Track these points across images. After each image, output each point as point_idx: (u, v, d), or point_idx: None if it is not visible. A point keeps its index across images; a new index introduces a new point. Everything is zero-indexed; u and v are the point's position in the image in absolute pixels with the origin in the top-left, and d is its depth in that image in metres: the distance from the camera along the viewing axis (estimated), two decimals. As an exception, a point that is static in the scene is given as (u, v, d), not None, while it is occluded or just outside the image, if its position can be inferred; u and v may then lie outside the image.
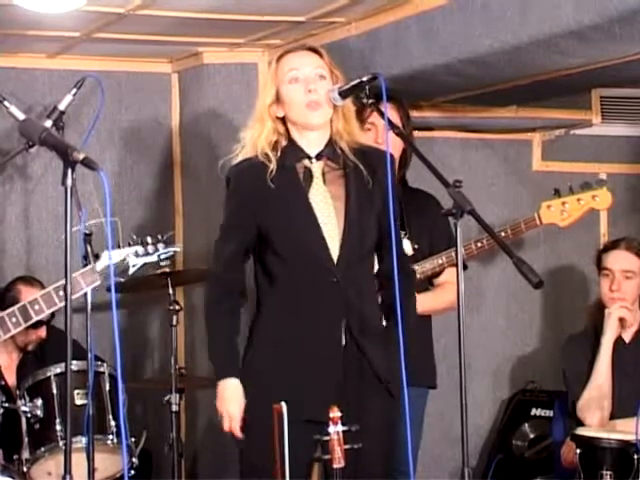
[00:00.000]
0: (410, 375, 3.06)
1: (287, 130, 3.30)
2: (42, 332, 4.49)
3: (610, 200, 4.34)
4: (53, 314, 3.96)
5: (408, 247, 4.07)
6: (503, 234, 4.15)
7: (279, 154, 3.27)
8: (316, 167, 3.28)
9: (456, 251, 3.01)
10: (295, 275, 3.23)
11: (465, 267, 4.05)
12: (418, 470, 3.30)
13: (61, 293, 3.57)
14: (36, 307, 3.60)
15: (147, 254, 3.69)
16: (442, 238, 4.07)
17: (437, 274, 4.12)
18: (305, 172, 3.28)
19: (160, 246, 3.71)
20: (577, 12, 3.54)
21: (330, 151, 3.29)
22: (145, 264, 3.70)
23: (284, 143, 3.30)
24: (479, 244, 4.11)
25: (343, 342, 3.21)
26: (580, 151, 5.69)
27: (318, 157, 3.28)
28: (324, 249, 3.21)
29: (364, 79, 3.18)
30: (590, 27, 3.55)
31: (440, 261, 4.08)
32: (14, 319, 3.60)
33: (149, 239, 3.70)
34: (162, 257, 3.73)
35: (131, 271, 3.67)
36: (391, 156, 3.28)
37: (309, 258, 3.22)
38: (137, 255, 3.67)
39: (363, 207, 3.26)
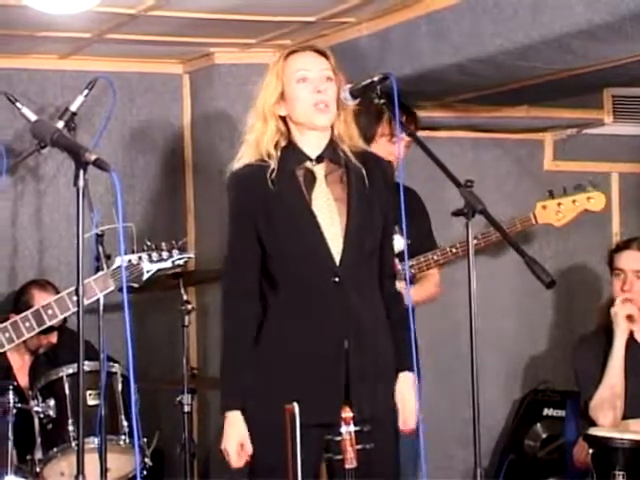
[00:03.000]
0: None
1: (287, 130, 3.30)
2: (53, 338, 4.51)
3: (604, 202, 4.46)
4: (65, 319, 3.97)
5: (401, 243, 4.14)
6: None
7: (279, 154, 3.26)
8: (318, 169, 3.27)
9: (467, 250, 3.02)
10: (297, 278, 3.22)
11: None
12: (430, 469, 3.29)
13: (75, 298, 3.57)
14: (49, 312, 3.60)
15: (161, 260, 3.70)
16: (425, 232, 4.29)
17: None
18: (307, 174, 3.26)
19: (174, 252, 3.72)
20: (588, 11, 3.53)
21: (331, 152, 3.28)
22: (159, 270, 3.71)
23: (283, 143, 3.29)
24: (475, 241, 4.17)
25: (346, 344, 3.21)
26: (592, 151, 5.68)
27: (319, 159, 3.28)
28: (326, 251, 3.20)
29: (375, 79, 3.18)
30: (601, 26, 3.55)
31: (436, 257, 4.23)
32: (27, 324, 3.60)
33: (163, 245, 3.71)
34: (176, 263, 3.74)
35: (145, 277, 3.68)
36: (389, 161, 3.30)
37: (311, 260, 3.21)
38: (151, 261, 3.68)
39: (365, 208, 3.25)
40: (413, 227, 4.16)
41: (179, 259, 3.75)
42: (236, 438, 3.23)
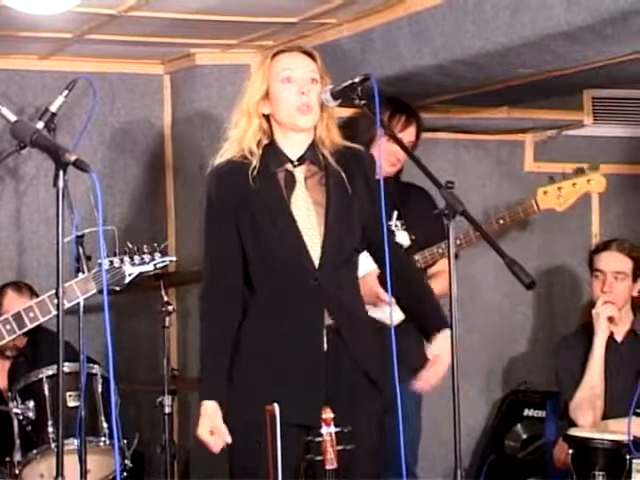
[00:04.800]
0: (408, 369, 3.13)
1: (270, 128, 3.30)
2: (20, 341, 4.49)
3: (604, 184, 4.48)
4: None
5: (405, 238, 4.29)
6: (501, 221, 4.40)
7: (261, 152, 3.26)
8: (298, 172, 3.27)
9: (448, 252, 3.02)
10: (277, 281, 3.22)
11: (456, 256, 4.26)
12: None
13: (56, 301, 3.56)
14: (31, 315, 3.59)
15: (143, 263, 3.69)
16: (437, 229, 4.19)
17: (432, 264, 4.30)
18: (287, 177, 3.26)
19: (156, 255, 3.71)
20: (569, 13, 3.54)
21: (312, 154, 3.28)
22: (141, 273, 3.70)
23: (265, 141, 3.29)
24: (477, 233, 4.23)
25: (325, 347, 3.21)
26: (572, 152, 5.70)
27: (300, 160, 3.28)
28: (305, 254, 3.20)
29: (356, 80, 3.18)
30: (582, 28, 3.56)
31: (441, 250, 4.27)
32: (8, 326, 3.60)
33: (145, 248, 3.71)
34: (158, 266, 3.74)
35: (127, 280, 3.67)
36: (372, 157, 3.32)
37: (290, 263, 3.21)
38: (133, 264, 3.67)
39: (343, 211, 3.25)
40: (422, 222, 4.25)
41: (161, 262, 3.74)
42: (206, 426, 3.21)
